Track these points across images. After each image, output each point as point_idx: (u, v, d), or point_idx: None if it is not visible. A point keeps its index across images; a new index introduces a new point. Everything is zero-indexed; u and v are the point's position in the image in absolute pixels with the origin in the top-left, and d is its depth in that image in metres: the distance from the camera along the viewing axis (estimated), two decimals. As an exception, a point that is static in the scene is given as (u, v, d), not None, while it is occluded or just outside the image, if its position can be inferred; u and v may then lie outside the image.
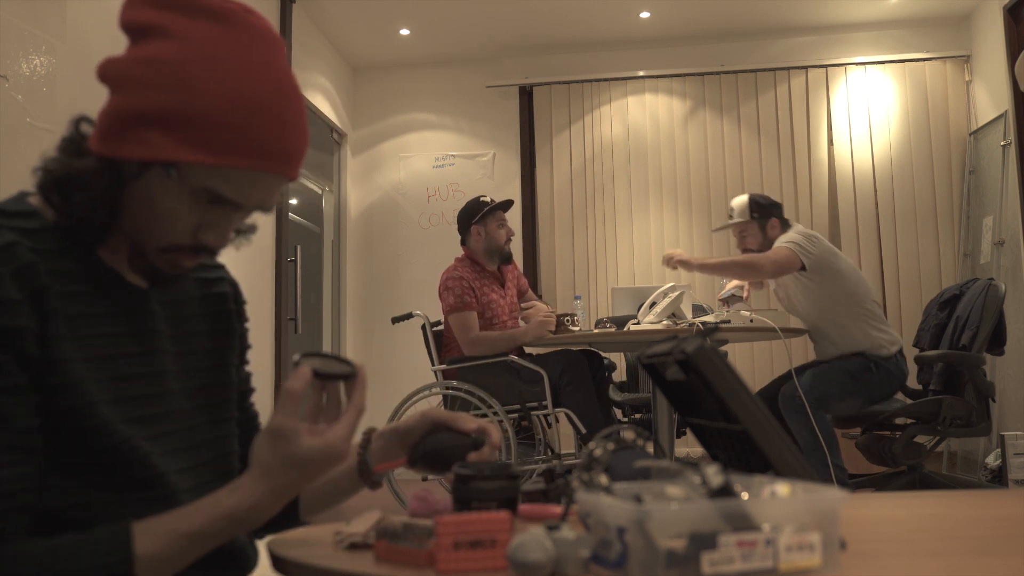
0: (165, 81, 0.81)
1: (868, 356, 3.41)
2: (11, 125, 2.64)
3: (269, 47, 0.86)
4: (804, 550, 0.65)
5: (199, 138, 0.81)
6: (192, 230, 0.87)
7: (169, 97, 0.81)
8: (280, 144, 0.84)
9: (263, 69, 0.84)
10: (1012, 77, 4.75)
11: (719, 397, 0.89)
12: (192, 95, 0.81)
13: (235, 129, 0.81)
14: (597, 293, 5.55)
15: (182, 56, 0.82)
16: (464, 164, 5.85)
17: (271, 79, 0.84)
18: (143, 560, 0.78)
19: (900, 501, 1.10)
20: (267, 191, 0.87)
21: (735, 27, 5.54)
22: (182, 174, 0.82)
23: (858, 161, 5.43)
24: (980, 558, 0.72)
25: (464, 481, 0.86)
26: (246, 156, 0.82)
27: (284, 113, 0.84)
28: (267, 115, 0.83)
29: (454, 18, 5.32)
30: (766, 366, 5.33)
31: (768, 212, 3.56)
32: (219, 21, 0.84)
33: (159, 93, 0.81)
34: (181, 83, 0.81)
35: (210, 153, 0.81)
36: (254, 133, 0.82)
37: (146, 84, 0.82)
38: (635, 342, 3.37)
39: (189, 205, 0.85)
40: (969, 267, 5.17)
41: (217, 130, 0.81)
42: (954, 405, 3.36)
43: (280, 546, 0.84)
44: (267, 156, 0.84)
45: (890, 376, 3.42)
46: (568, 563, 0.67)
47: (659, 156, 5.62)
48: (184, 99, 0.81)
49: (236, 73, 0.82)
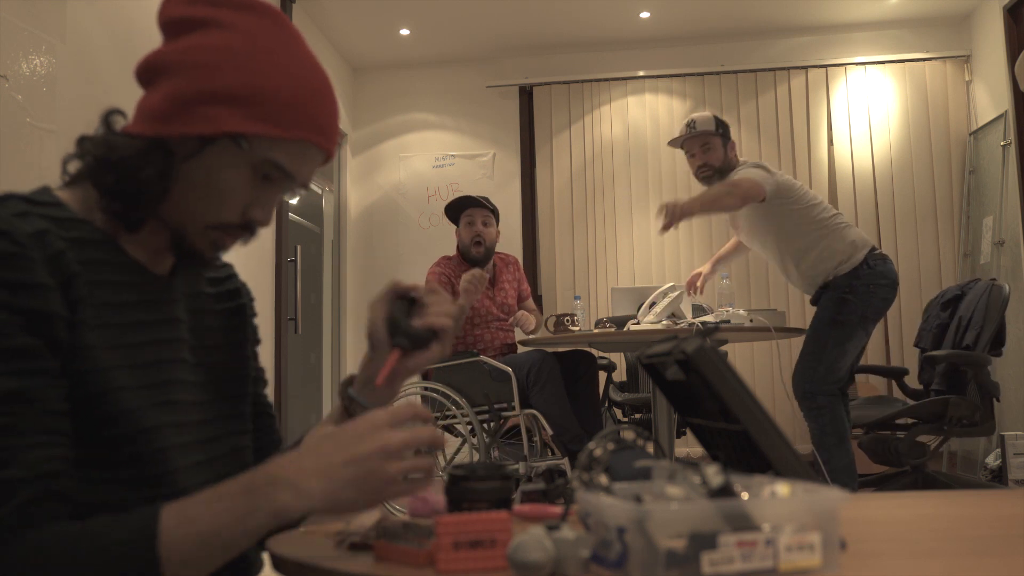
0: (230, 63, 0.88)
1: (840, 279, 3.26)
2: (11, 125, 2.64)
3: (302, 40, 0.96)
4: (804, 550, 0.65)
5: (266, 112, 0.88)
6: (243, 207, 0.92)
7: (237, 76, 0.88)
8: (329, 121, 0.94)
9: (309, 58, 0.94)
10: (1012, 77, 4.75)
11: (719, 397, 0.89)
12: (256, 76, 0.88)
13: (297, 106, 0.90)
14: (597, 293, 5.55)
15: (241, 42, 0.89)
16: (464, 164, 5.85)
17: (317, 67, 0.94)
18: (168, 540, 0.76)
19: (900, 501, 1.10)
20: (312, 166, 0.95)
21: (735, 27, 5.55)
22: (252, 145, 0.89)
23: (858, 161, 5.43)
24: (980, 558, 0.72)
25: (456, 482, 0.86)
26: (307, 130, 0.91)
27: (330, 96, 0.94)
28: (320, 96, 0.92)
29: (454, 18, 5.32)
30: (766, 366, 5.33)
31: (729, 133, 3.47)
32: (262, 15, 0.93)
33: (226, 74, 0.88)
34: (245, 65, 0.88)
35: (276, 126, 0.89)
36: (312, 110, 0.91)
37: (211, 66, 0.88)
38: (635, 342, 3.37)
39: (248, 179, 0.91)
40: (969, 267, 5.17)
41: (282, 106, 0.89)
42: (960, 405, 3.36)
43: (280, 546, 0.84)
44: (320, 131, 0.92)
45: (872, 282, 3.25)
46: (568, 563, 0.67)
47: (659, 156, 5.62)
48: (250, 79, 0.88)
49: (291, 58, 0.91)
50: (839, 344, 3.22)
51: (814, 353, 3.24)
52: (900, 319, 5.23)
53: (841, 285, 3.26)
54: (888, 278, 3.29)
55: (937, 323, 3.74)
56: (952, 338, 3.61)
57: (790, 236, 3.35)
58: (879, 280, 3.26)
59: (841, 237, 3.31)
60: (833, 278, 3.30)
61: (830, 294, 3.30)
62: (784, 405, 5.22)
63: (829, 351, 3.22)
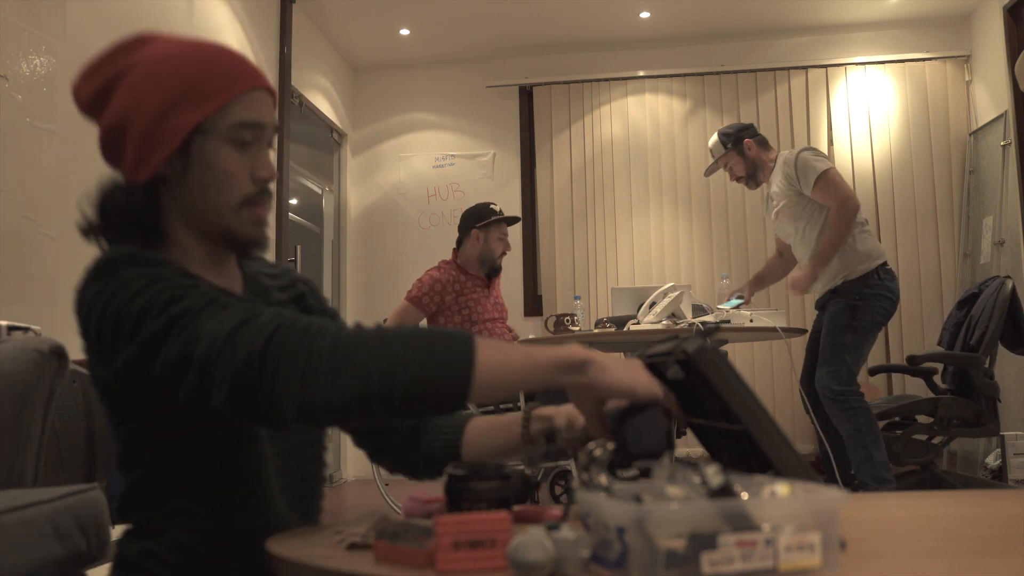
0: (151, 89, 1.01)
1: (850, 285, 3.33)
2: (11, 125, 2.64)
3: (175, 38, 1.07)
4: (804, 550, 0.65)
5: (198, 97, 1.00)
6: (249, 175, 1.03)
7: (162, 94, 1.00)
8: (240, 67, 1.04)
9: (193, 44, 1.05)
10: (1012, 77, 4.75)
11: (720, 397, 0.89)
12: (172, 81, 1.00)
13: (215, 78, 1.01)
14: (597, 293, 5.55)
15: (145, 71, 1.02)
16: (464, 164, 5.85)
17: (202, 44, 1.05)
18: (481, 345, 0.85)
19: (900, 501, 1.10)
20: (264, 106, 1.05)
21: (735, 27, 5.54)
22: (213, 125, 1.00)
23: (858, 161, 5.43)
24: (980, 558, 0.72)
25: (456, 482, 0.86)
26: (231, 85, 1.02)
27: (225, 53, 1.05)
28: (218, 59, 1.03)
29: (454, 18, 5.32)
30: (766, 366, 5.33)
31: (739, 137, 3.60)
32: (149, 43, 1.05)
33: (154, 97, 1.00)
34: (159, 82, 1.00)
35: (212, 99, 1.00)
36: (222, 71, 1.02)
37: (142, 101, 1.01)
38: (635, 342, 3.37)
39: (233, 151, 1.02)
40: (969, 267, 5.17)
41: (203, 84, 1.00)
42: (951, 405, 3.37)
43: (280, 546, 0.84)
44: (241, 78, 1.03)
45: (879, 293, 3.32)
46: (568, 563, 0.67)
47: (659, 156, 5.62)
48: (170, 87, 1.00)
49: (189, 53, 1.03)
50: (857, 348, 3.31)
51: (836, 357, 3.30)
52: (900, 319, 5.22)
53: (851, 292, 3.34)
54: (894, 293, 3.38)
55: (954, 322, 3.76)
56: (963, 337, 3.62)
57: (825, 224, 3.40)
58: (885, 292, 3.35)
59: (863, 240, 3.39)
60: (843, 283, 3.36)
61: (840, 300, 3.36)
62: (784, 405, 5.22)
63: (849, 354, 3.29)
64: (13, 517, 1.28)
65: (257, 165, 1.03)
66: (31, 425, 1.59)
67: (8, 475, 1.54)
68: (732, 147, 3.59)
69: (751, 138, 3.60)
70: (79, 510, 1.42)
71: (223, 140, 1.01)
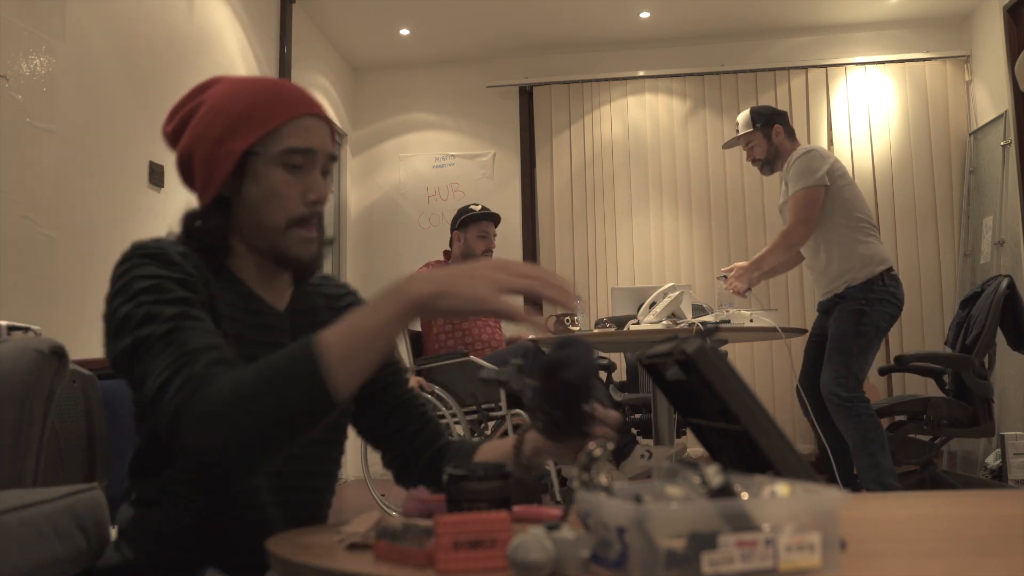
0: (213, 120, 1.12)
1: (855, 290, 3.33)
2: (11, 125, 2.64)
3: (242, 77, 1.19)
4: (804, 550, 0.65)
5: (253, 123, 1.11)
6: (300, 197, 1.11)
7: (222, 122, 1.12)
8: (294, 95, 1.14)
9: (255, 79, 1.17)
10: (1012, 77, 4.75)
11: (719, 397, 0.89)
12: (231, 110, 1.12)
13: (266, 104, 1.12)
14: (597, 293, 5.55)
15: (209, 105, 1.14)
16: (464, 164, 5.85)
17: (264, 79, 1.18)
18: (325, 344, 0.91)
19: (900, 501, 1.10)
20: (316, 131, 1.14)
21: (735, 27, 5.54)
22: (265, 148, 1.10)
23: (858, 161, 5.43)
24: (980, 558, 0.72)
25: (456, 481, 0.86)
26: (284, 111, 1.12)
27: (283, 84, 1.17)
28: (275, 89, 1.14)
29: (454, 18, 5.32)
30: (766, 366, 5.33)
31: (770, 120, 3.56)
32: (219, 82, 1.18)
33: (215, 127, 1.12)
34: (221, 112, 1.12)
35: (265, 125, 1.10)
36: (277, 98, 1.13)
37: (205, 131, 1.13)
38: (635, 342, 3.37)
39: (283, 174, 1.11)
40: (969, 267, 5.18)
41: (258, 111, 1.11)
42: (940, 405, 3.38)
43: (280, 546, 0.84)
44: (294, 105, 1.12)
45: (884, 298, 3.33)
46: (568, 563, 0.67)
47: (659, 156, 5.62)
48: (229, 115, 1.12)
49: (243, 86, 1.15)
50: (863, 352, 3.30)
51: (844, 363, 3.29)
52: (900, 320, 5.21)
53: (857, 297, 3.33)
54: (898, 299, 3.38)
55: (957, 322, 3.76)
56: (961, 337, 3.62)
57: (830, 224, 3.39)
58: (890, 298, 3.35)
59: (869, 245, 3.38)
60: (847, 288, 3.35)
61: (846, 305, 3.35)
62: (784, 405, 5.22)
63: (856, 360, 3.28)
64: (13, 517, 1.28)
65: (308, 188, 1.12)
66: (31, 425, 1.59)
67: (8, 475, 1.54)
68: (761, 127, 3.55)
69: (782, 125, 3.57)
70: (79, 510, 1.42)
71: (274, 163, 1.10)
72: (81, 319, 2.96)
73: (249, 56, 4.42)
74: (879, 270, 3.35)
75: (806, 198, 3.32)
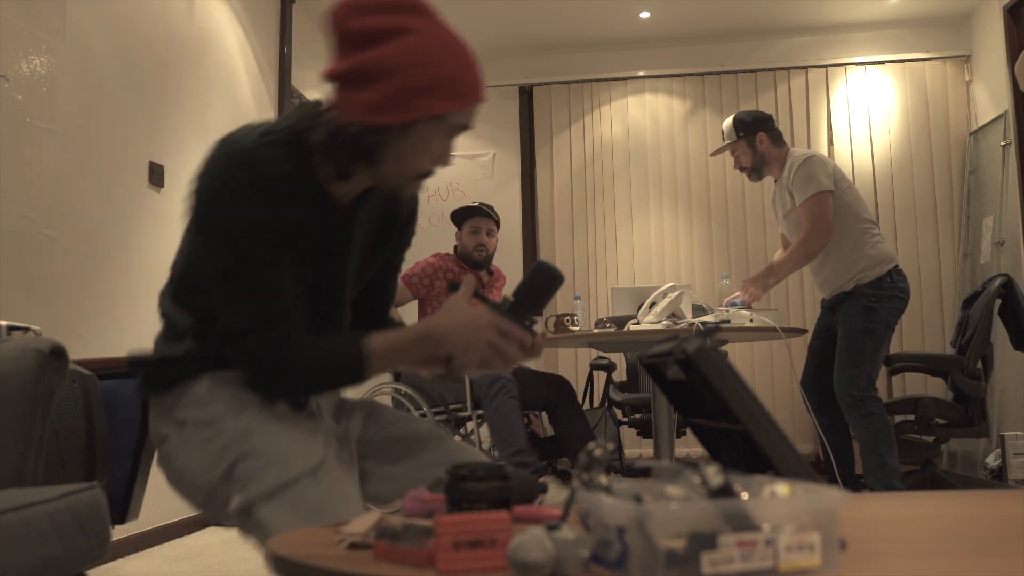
0: (424, 62, 1.20)
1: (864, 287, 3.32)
2: (11, 125, 2.64)
3: (446, 24, 1.28)
4: (804, 550, 0.65)
5: (451, 93, 1.22)
6: (434, 159, 1.29)
7: (429, 71, 1.20)
8: (482, 82, 1.28)
9: (458, 39, 1.27)
10: (1012, 77, 4.75)
11: (720, 397, 0.89)
12: (441, 67, 1.21)
13: (466, 82, 1.24)
14: (597, 293, 5.55)
15: (425, 43, 1.21)
16: (464, 164, 5.85)
17: (463, 44, 1.27)
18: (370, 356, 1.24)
19: (900, 501, 1.10)
20: (476, 113, 1.31)
21: (735, 27, 5.55)
22: (445, 119, 1.24)
23: (858, 161, 5.43)
24: (980, 558, 0.72)
25: (456, 481, 0.86)
26: (474, 95, 1.26)
27: (476, 63, 1.28)
28: (474, 67, 1.26)
29: (454, 18, 5.29)
30: (766, 366, 5.33)
31: (753, 128, 3.51)
32: (426, 14, 1.24)
33: (423, 70, 1.20)
34: (432, 61, 1.21)
35: (459, 100, 1.24)
36: (472, 80, 1.26)
37: (413, 66, 1.19)
38: (635, 342, 3.37)
39: (444, 141, 1.28)
40: (969, 267, 5.18)
41: (459, 85, 1.23)
42: (931, 405, 3.39)
43: (279, 546, 0.84)
44: (480, 91, 1.28)
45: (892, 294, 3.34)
46: (568, 563, 0.67)
47: (659, 156, 5.62)
48: (437, 71, 1.21)
49: (454, 46, 1.25)
50: (875, 351, 3.30)
51: (855, 362, 3.28)
52: (900, 319, 5.22)
53: (866, 294, 3.33)
54: (905, 293, 3.39)
55: (958, 321, 3.76)
56: (959, 337, 3.62)
57: (838, 229, 3.38)
58: (898, 293, 3.36)
59: (874, 244, 3.39)
60: (855, 286, 3.35)
61: (855, 303, 3.34)
62: (784, 405, 5.22)
63: (868, 358, 3.28)
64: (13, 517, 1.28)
65: (444, 152, 1.29)
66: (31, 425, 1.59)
67: (8, 475, 1.54)
68: (744, 136, 3.52)
69: (766, 132, 3.53)
70: (79, 509, 1.42)
71: (442, 129, 1.25)
72: (81, 319, 2.96)
73: (249, 56, 4.42)
74: (887, 268, 3.37)
75: (817, 205, 3.31)
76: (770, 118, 3.60)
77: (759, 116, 3.57)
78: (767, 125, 3.55)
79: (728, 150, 3.60)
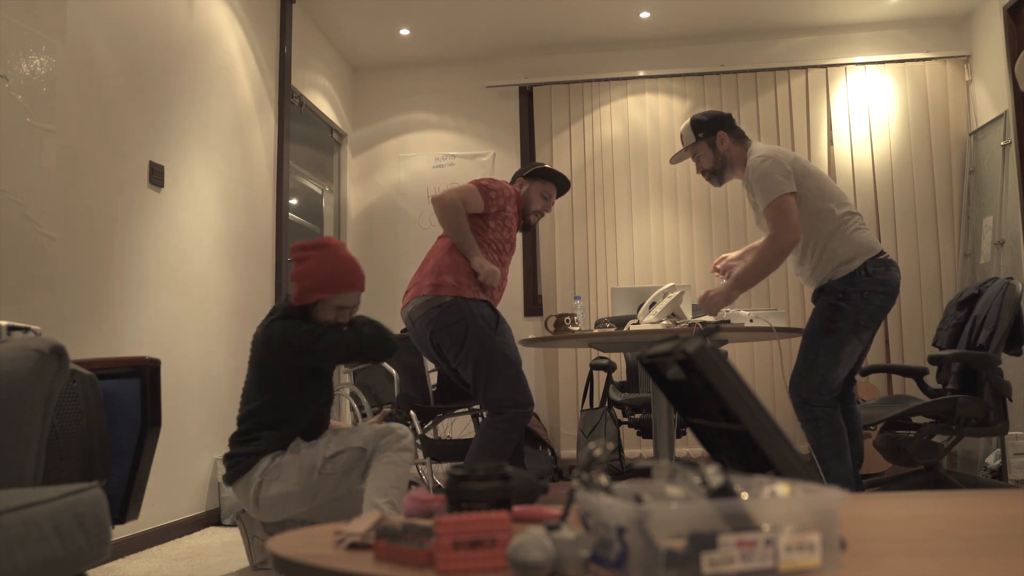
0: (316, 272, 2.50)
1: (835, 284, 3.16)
2: (11, 125, 2.64)
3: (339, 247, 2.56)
4: (804, 550, 0.65)
5: (329, 287, 2.49)
6: (336, 317, 2.54)
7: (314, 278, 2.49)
8: (354, 282, 2.53)
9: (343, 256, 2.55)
10: (1012, 77, 4.75)
11: (720, 397, 0.89)
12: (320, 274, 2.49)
13: (339, 278, 2.51)
14: (597, 293, 5.55)
15: (316, 264, 2.51)
16: (464, 164, 5.85)
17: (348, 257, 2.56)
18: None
19: (900, 501, 1.10)
20: (355, 300, 2.53)
21: (735, 27, 5.55)
22: (330, 300, 2.50)
23: (858, 161, 5.43)
24: (980, 558, 0.72)
25: (456, 482, 0.86)
26: (349, 288, 2.51)
27: (355, 267, 2.55)
28: (346, 273, 2.52)
29: (454, 18, 5.32)
30: (766, 366, 5.33)
31: (712, 127, 3.33)
32: (322, 248, 2.54)
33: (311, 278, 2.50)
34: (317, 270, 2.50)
35: (334, 291, 2.50)
36: (346, 276, 2.51)
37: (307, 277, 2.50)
38: (635, 342, 3.37)
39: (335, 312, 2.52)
40: (969, 267, 5.18)
41: (334, 281, 2.50)
42: (968, 404, 3.33)
43: (281, 546, 0.84)
44: (356, 285, 2.53)
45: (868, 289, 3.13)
46: (568, 563, 0.67)
47: (659, 156, 5.62)
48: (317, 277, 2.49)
49: (335, 259, 2.52)
50: (833, 352, 3.11)
51: (807, 361, 3.14)
52: (900, 319, 5.23)
53: (836, 290, 3.15)
54: (887, 286, 3.15)
55: (953, 322, 3.73)
56: (967, 338, 3.60)
57: (806, 227, 3.24)
58: (876, 288, 3.13)
59: (847, 239, 3.19)
60: (829, 282, 3.20)
61: (823, 299, 3.19)
62: (785, 405, 5.22)
63: (822, 359, 3.11)
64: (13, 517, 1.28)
65: (343, 316, 2.52)
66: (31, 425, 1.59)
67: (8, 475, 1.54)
68: (704, 137, 3.33)
69: (726, 131, 3.34)
70: (79, 509, 1.42)
71: (329, 308, 2.50)
72: (81, 319, 2.96)
73: (249, 56, 4.42)
74: (860, 261, 3.16)
75: (779, 208, 3.13)
76: (730, 116, 3.42)
77: (717, 115, 3.39)
78: (727, 124, 3.37)
79: (688, 154, 3.42)
